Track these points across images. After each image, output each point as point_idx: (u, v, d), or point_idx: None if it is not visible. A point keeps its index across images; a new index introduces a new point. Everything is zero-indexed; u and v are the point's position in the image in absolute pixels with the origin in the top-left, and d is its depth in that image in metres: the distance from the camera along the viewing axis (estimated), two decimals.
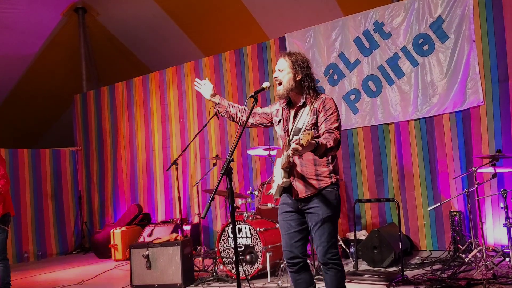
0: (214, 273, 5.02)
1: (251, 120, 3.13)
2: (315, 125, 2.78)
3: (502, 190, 4.20)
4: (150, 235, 6.48)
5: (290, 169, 2.86)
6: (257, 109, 3.15)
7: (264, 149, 5.27)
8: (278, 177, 2.91)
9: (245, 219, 4.93)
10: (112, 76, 9.49)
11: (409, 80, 5.73)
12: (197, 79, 3.34)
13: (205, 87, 3.27)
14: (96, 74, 10.02)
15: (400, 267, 4.42)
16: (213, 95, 3.23)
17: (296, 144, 2.36)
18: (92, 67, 9.87)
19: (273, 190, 2.98)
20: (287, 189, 2.91)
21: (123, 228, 7.11)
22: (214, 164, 6.26)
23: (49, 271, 6.68)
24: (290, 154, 2.51)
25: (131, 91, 8.41)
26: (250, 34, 8.00)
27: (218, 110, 3.21)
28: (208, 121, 5.83)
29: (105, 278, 5.79)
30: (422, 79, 5.64)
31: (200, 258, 5.71)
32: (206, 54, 8.08)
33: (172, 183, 7.72)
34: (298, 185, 2.83)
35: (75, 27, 9.33)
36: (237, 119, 3.16)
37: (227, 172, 2.60)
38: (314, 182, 2.80)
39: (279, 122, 3.00)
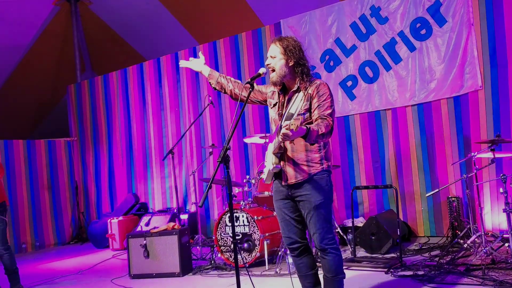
0: (212, 262, 5.02)
1: (244, 93, 3.03)
2: (309, 110, 2.74)
3: (501, 175, 4.13)
4: (147, 224, 6.47)
5: (281, 155, 2.83)
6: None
7: (261, 137, 5.22)
8: (269, 162, 2.88)
9: (242, 207, 4.91)
10: (106, 66, 9.39)
11: (407, 65, 5.66)
12: (181, 60, 3.30)
13: (194, 61, 3.22)
14: (90, 63, 9.93)
15: (398, 254, 4.41)
16: (204, 64, 3.18)
17: (286, 129, 2.31)
18: (86, 56, 9.77)
19: (264, 176, 2.96)
20: (278, 175, 2.88)
21: (120, 218, 7.09)
22: (211, 153, 6.22)
23: (47, 261, 6.67)
24: (280, 140, 2.47)
25: (126, 80, 8.33)
26: (244, 21, 7.89)
27: (210, 82, 3.15)
28: (203, 110, 5.77)
29: (103, 268, 5.77)
30: (419, 64, 5.58)
31: (198, 247, 5.70)
32: (201, 42, 7.98)
33: (169, 172, 7.69)
34: (289, 170, 2.80)
35: (67, 17, 9.22)
36: (229, 91, 3.10)
37: (224, 160, 2.56)
38: (305, 168, 2.77)
39: (274, 105, 2.96)
